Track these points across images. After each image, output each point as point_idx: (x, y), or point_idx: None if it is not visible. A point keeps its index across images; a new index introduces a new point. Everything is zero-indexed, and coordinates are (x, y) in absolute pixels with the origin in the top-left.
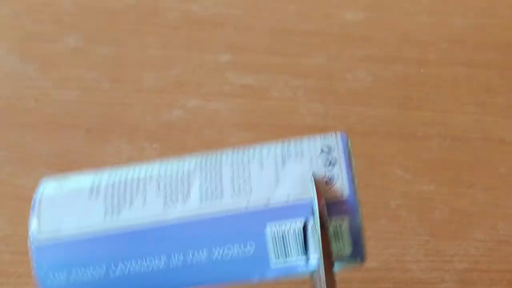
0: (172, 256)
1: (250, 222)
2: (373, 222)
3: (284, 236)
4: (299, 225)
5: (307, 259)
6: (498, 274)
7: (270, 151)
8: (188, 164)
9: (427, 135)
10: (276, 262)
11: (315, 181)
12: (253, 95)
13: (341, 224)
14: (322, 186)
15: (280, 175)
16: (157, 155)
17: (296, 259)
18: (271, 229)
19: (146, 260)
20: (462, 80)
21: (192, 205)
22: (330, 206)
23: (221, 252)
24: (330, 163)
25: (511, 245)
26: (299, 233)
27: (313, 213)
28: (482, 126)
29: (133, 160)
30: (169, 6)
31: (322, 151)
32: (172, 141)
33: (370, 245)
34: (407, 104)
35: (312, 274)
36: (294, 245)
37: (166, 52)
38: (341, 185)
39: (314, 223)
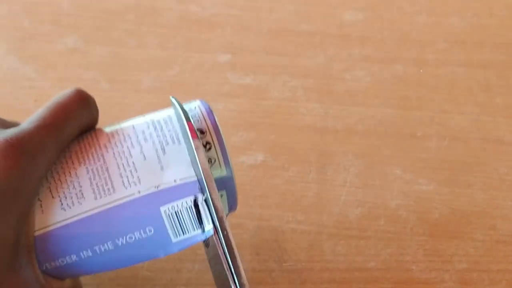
0: (81, 253)
1: (145, 209)
2: (372, 222)
3: (178, 215)
4: (190, 202)
5: (203, 230)
6: (497, 274)
7: (147, 139)
8: (72, 163)
9: (426, 135)
10: (176, 239)
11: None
12: (252, 95)
13: (221, 195)
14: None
15: (164, 163)
16: None
17: (193, 233)
18: (165, 211)
19: (58, 260)
20: (461, 80)
21: (88, 205)
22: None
23: (125, 241)
24: (206, 146)
25: (510, 245)
26: (192, 209)
27: (200, 190)
28: (481, 126)
29: None
30: (168, 6)
31: (195, 133)
32: None
33: (369, 245)
34: (406, 104)
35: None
36: (189, 222)
37: (165, 52)
38: (219, 164)
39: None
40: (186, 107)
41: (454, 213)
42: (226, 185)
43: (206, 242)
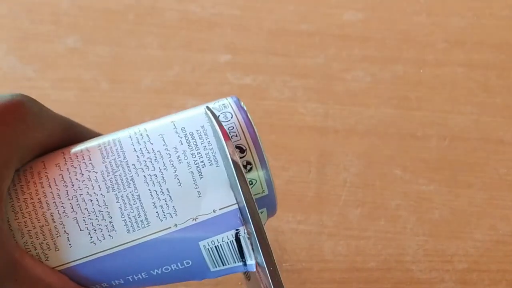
0: (112, 281)
1: (183, 243)
2: (372, 222)
3: (218, 249)
4: (231, 237)
5: (245, 264)
6: (497, 274)
7: (181, 160)
8: (99, 188)
9: (425, 135)
10: (215, 269)
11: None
12: (252, 95)
13: (261, 212)
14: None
15: (201, 188)
16: None
17: (234, 265)
18: (204, 246)
19: (88, 287)
20: (461, 80)
21: (120, 239)
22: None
23: (160, 271)
24: (246, 167)
25: (510, 245)
26: (233, 244)
27: (242, 220)
28: (481, 126)
29: None
30: (168, 6)
31: (235, 155)
32: None
33: (369, 245)
34: (405, 104)
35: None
36: (230, 255)
37: (164, 52)
38: (261, 185)
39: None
40: (219, 112)
41: (454, 213)
42: (267, 203)
43: (247, 275)
